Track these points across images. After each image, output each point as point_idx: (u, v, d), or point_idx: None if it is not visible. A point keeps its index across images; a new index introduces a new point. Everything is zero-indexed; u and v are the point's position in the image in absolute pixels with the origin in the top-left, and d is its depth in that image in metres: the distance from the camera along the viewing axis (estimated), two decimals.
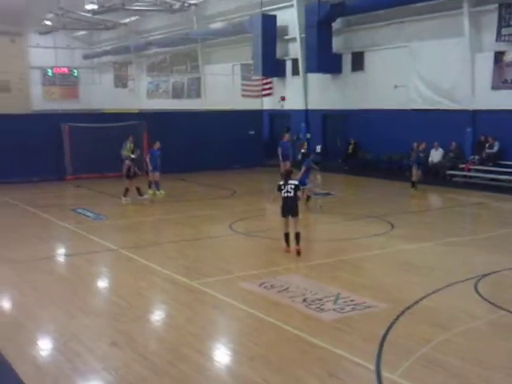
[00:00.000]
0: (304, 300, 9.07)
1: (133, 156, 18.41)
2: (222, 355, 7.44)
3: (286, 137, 22.59)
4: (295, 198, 11.67)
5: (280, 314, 8.62)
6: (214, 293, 9.56)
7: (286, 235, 11.87)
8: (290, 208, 11.68)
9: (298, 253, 11.64)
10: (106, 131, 23.13)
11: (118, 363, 7.02)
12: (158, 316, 9.02)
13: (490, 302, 8.93)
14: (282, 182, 11.75)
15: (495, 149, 21.17)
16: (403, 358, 6.94)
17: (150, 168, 18.73)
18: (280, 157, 21.92)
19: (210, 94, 35.19)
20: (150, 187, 19.05)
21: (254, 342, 7.62)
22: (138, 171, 18.47)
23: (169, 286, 10.10)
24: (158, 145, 18.89)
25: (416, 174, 19.94)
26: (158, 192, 19.00)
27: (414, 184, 19.81)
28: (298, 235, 11.72)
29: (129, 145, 19.83)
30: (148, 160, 18.81)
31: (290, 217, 11.74)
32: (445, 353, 7.16)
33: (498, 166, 20.92)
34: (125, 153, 19.66)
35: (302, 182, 15.98)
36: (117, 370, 6.81)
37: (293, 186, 11.64)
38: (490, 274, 10.40)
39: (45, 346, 7.79)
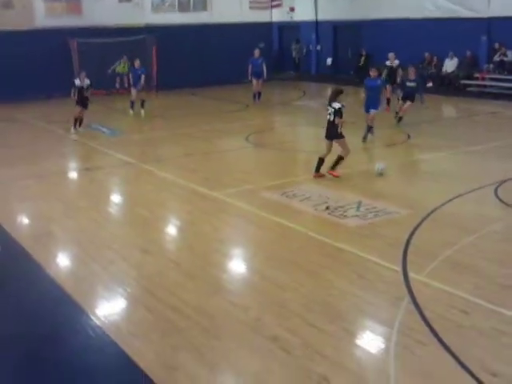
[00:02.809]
0: (327, 208, 9.21)
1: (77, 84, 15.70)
2: (251, 261, 7.64)
3: (257, 53, 20.92)
4: (333, 123, 10.70)
5: (304, 221, 8.80)
6: (237, 202, 9.71)
7: (320, 159, 10.95)
8: (328, 132, 10.83)
9: (333, 176, 10.84)
10: (114, 47, 22.75)
11: (152, 270, 7.25)
12: (184, 225, 9.19)
13: (511, 206, 9.05)
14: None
15: (509, 57, 20.78)
16: (429, 260, 7.13)
17: (134, 86, 18.25)
18: (250, 75, 20.39)
19: (217, 7, 34.25)
20: (131, 107, 18.58)
21: (282, 248, 7.82)
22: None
23: (192, 197, 10.25)
24: (138, 63, 18.43)
25: (401, 107, 15.68)
26: (142, 110, 18.45)
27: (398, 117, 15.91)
28: (337, 158, 10.87)
29: (122, 64, 19.51)
30: (131, 78, 18.47)
31: (331, 140, 10.87)
32: (469, 254, 7.35)
33: None
34: (118, 70, 19.43)
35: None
36: (152, 277, 7.04)
37: (332, 110, 10.69)
38: (508, 180, 10.46)
39: (78, 254, 7.98)
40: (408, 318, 5.91)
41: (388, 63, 18.33)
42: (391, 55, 18.38)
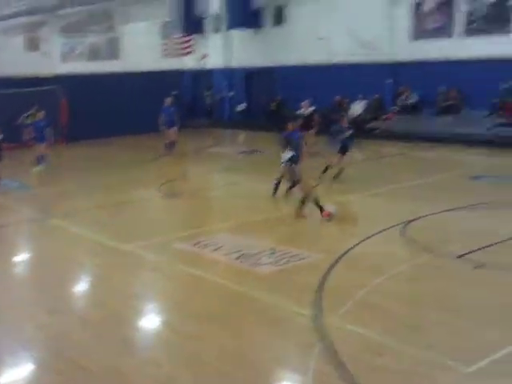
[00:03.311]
0: (240, 256, 9.20)
1: None
2: (163, 314, 7.50)
3: (169, 101, 20.42)
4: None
5: (217, 271, 8.76)
6: (150, 255, 9.55)
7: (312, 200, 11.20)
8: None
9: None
10: (23, 98, 22.17)
11: (60, 330, 6.95)
12: (95, 281, 8.92)
13: (417, 246, 9.35)
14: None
15: (413, 100, 21.79)
16: (341, 303, 7.21)
17: (38, 139, 17.29)
18: (163, 124, 19.71)
19: (129, 55, 34.36)
20: (38, 162, 17.46)
21: (195, 300, 7.74)
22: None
23: (103, 251, 9.99)
24: (40, 115, 17.88)
25: (336, 159, 14.40)
26: (38, 167, 17.28)
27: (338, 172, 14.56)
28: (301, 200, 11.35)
29: (32, 114, 19.03)
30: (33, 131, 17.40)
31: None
32: (379, 296, 7.50)
33: (417, 115, 21.56)
34: (28, 120, 18.85)
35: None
36: (60, 337, 6.75)
37: (288, 158, 11.32)
38: (415, 220, 10.82)
39: None
40: (322, 363, 5.92)
41: (301, 111, 18.50)
42: (304, 103, 18.61)
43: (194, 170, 18.31)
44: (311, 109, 18.40)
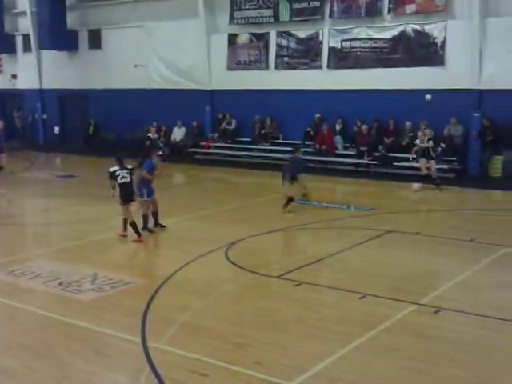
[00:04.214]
0: (60, 284, 8.82)
1: None
2: None
3: (1, 125, 19.64)
4: (131, 182, 11.39)
5: (35, 300, 8.33)
6: None
7: (125, 220, 11.34)
8: (129, 193, 11.30)
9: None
10: None
11: None
12: None
13: (240, 267, 9.59)
14: (114, 168, 11.24)
15: (233, 125, 22.46)
16: (167, 327, 7.17)
17: None
18: None
19: None
20: None
21: (9, 331, 7.29)
22: None
23: None
24: None
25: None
26: None
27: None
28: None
29: None
30: None
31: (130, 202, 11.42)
32: (205, 317, 7.58)
33: (235, 142, 22.23)
34: None
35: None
36: None
37: (128, 171, 11.33)
38: (236, 242, 11.10)
39: None
40: None
41: (150, 135, 19.42)
42: (152, 128, 20.05)
43: (7, 195, 17.15)
44: (156, 135, 19.65)
